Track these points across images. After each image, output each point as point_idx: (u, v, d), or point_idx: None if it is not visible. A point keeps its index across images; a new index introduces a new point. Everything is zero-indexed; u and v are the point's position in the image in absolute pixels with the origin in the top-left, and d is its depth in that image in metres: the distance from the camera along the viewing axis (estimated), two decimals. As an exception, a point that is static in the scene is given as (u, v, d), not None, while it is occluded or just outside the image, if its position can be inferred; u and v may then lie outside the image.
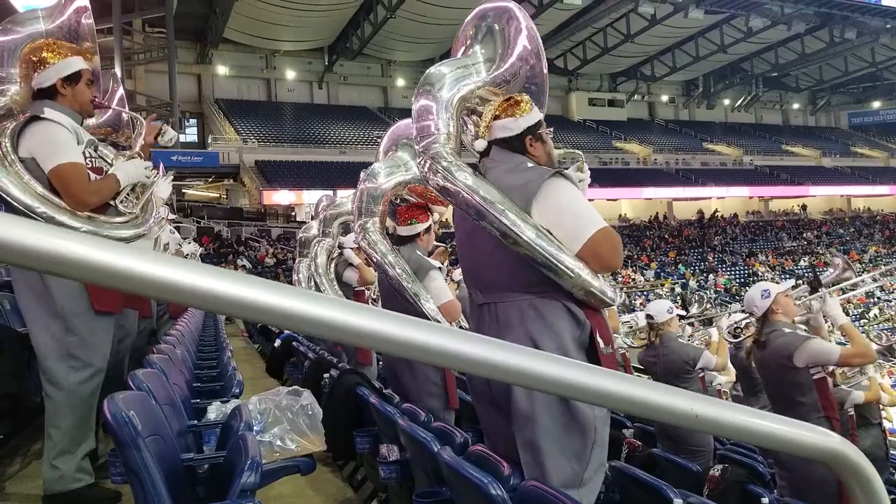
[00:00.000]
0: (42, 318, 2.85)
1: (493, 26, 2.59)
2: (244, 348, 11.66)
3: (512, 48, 2.54)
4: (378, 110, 40.38)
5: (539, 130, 2.45)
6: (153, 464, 1.79)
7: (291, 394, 2.88)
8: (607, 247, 2.21)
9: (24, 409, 3.36)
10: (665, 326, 5.12)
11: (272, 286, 0.72)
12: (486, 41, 2.60)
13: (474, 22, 2.66)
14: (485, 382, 2.37)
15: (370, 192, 4.02)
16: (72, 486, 2.79)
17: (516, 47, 2.53)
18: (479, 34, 2.63)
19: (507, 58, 2.54)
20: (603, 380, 0.90)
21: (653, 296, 26.05)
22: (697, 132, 47.21)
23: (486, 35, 2.60)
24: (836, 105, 54.44)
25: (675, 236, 36.98)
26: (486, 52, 2.59)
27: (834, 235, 39.51)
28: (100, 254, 0.65)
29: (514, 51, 2.53)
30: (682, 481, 3.34)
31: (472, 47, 2.63)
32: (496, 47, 2.57)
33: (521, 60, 2.53)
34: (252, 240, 28.64)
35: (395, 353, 0.80)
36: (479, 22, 2.64)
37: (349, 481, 4.00)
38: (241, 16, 32.44)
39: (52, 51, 2.97)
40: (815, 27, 39.31)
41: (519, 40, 2.53)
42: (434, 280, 3.79)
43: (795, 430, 1.01)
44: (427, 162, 2.44)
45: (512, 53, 2.53)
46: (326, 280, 5.06)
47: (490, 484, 1.94)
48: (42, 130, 2.85)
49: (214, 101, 36.84)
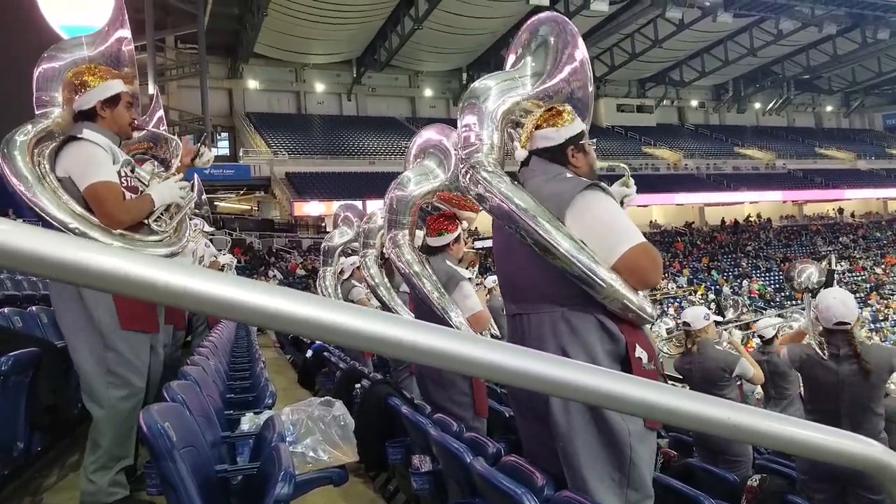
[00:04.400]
0: (80, 333, 2.88)
1: (548, 39, 2.57)
2: (276, 359, 11.73)
3: (562, 65, 2.53)
4: (406, 121, 40.58)
5: (581, 141, 2.43)
6: (188, 475, 1.81)
7: (323, 404, 2.88)
8: (644, 263, 2.18)
9: (61, 422, 3.41)
10: (702, 333, 5.05)
11: (308, 298, 0.73)
12: (539, 53, 2.58)
13: (531, 28, 2.65)
14: (526, 393, 2.35)
15: (400, 199, 4.03)
16: (106, 500, 2.81)
17: (566, 66, 2.52)
18: (532, 44, 2.61)
19: (556, 74, 2.53)
20: (636, 389, 0.89)
21: (686, 303, 25.80)
22: (728, 136, 46.66)
23: (540, 47, 2.59)
24: (870, 106, 53.43)
25: (707, 242, 36.54)
26: (536, 66, 2.57)
27: (871, 239, 38.73)
28: (137, 267, 0.66)
29: (564, 69, 2.52)
30: (719, 492, 3.29)
31: (524, 57, 2.61)
32: (546, 62, 2.56)
33: (568, 80, 2.52)
34: (283, 251, 28.89)
35: (425, 362, 0.80)
36: (536, 30, 2.63)
37: (381, 492, 4.00)
38: (270, 31, 32.86)
39: (92, 74, 3.04)
40: (846, 28, 38.62)
41: (569, 59, 2.52)
42: (464, 290, 3.79)
43: (837, 438, 0.99)
44: (468, 171, 2.44)
45: (561, 70, 2.52)
46: (385, 291, 5.00)
47: (524, 495, 1.92)
48: (78, 150, 2.90)
49: (245, 115, 37.34)
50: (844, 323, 3.75)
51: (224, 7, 31.98)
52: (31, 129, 2.93)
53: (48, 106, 3.05)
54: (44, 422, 3.21)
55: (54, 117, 3.03)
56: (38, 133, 2.95)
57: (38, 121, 3.00)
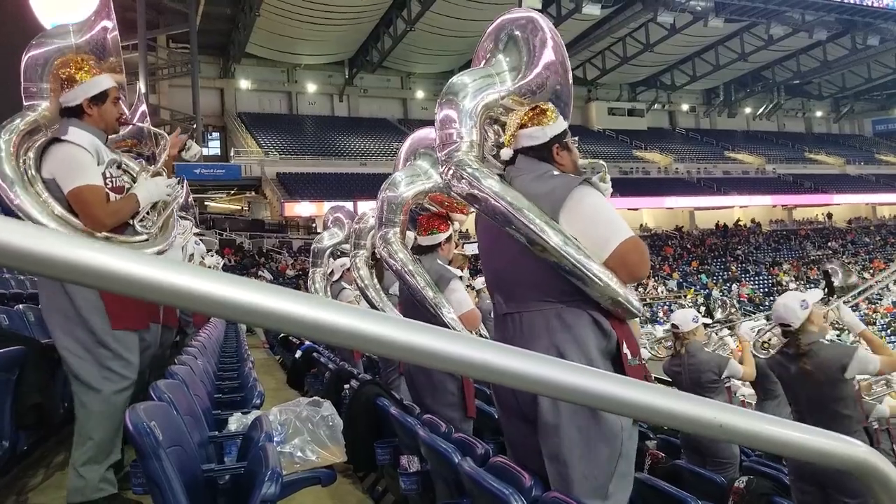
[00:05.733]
0: (69, 331, 2.87)
1: (515, 34, 2.56)
2: (265, 360, 11.72)
3: (538, 57, 2.51)
4: (398, 122, 40.57)
5: (565, 139, 2.44)
6: (174, 474, 1.80)
7: (312, 405, 2.87)
8: (635, 256, 2.19)
9: (48, 420, 3.39)
10: (690, 336, 5.07)
11: (297, 296, 0.72)
12: (510, 49, 2.57)
13: (494, 34, 2.64)
14: (511, 394, 2.35)
15: (391, 200, 4.03)
16: (94, 496, 2.80)
17: (542, 57, 2.51)
18: (500, 44, 2.60)
19: (534, 67, 2.52)
20: (627, 390, 0.89)
21: (675, 306, 25.88)
22: (719, 141, 46.88)
23: (509, 43, 2.58)
24: (860, 112, 53.80)
25: (697, 246, 36.68)
26: (511, 61, 2.56)
27: (859, 244, 38.97)
28: (127, 264, 0.65)
29: (541, 60, 2.51)
30: (707, 494, 3.30)
31: (495, 56, 2.60)
32: (521, 56, 2.54)
33: (548, 70, 2.51)
34: (273, 251, 28.83)
35: (420, 362, 0.79)
36: (499, 33, 2.62)
37: (370, 493, 3.99)
38: (263, 31, 32.80)
39: (80, 68, 3.02)
40: (836, 34, 38.91)
41: (545, 50, 2.51)
42: (455, 290, 3.79)
43: (822, 439, 0.99)
44: (451, 169, 2.43)
45: (538, 63, 2.51)
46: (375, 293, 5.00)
47: (511, 495, 1.92)
48: (62, 152, 2.89)
49: (237, 115, 37.24)
50: (786, 325, 3.88)
51: (216, 7, 31.88)
52: (18, 124, 2.91)
53: (36, 97, 3.03)
54: (29, 421, 3.18)
55: (41, 110, 3.01)
56: (27, 126, 2.93)
57: (26, 113, 2.98)
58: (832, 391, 3.71)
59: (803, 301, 3.89)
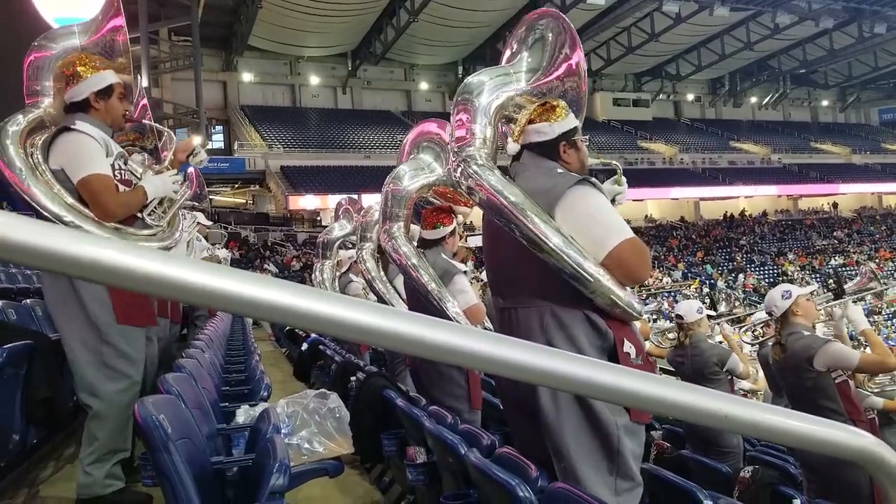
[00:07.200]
0: (75, 328, 2.87)
1: (546, 35, 2.57)
2: (272, 352, 11.75)
3: (558, 63, 2.53)
4: (402, 114, 40.49)
5: (574, 137, 2.44)
6: (183, 467, 1.81)
7: (319, 397, 2.89)
8: (633, 258, 2.19)
9: (57, 415, 3.41)
10: (695, 326, 5.07)
11: (304, 290, 0.73)
12: (535, 49, 2.59)
13: (529, 23, 2.64)
14: (514, 386, 2.36)
15: (395, 194, 4.03)
16: (103, 492, 2.82)
17: (562, 64, 2.52)
18: (530, 39, 2.61)
19: (552, 72, 2.53)
20: (628, 379, 0.89)
21: (680, 297, 25.84)
22: (724, 131, 46.67)
23: (538, 42, 2.59)
24: (866, 101, 53.51)
25: (702, 236, 36.59)
26: (532, 62, 2.57)
27: (865, 233, 38.82)
28: (132, 259, 0.66)
29: (560, 67, 2.53)
30: (712, 483, 3.31)
31: (521, 53, 2.62)
32: (543, 59, 2.56)
33: (563, 78, 2.52)
34: (278, 244, 28.86)
35: (427, 355, 0.80)
36: (534, 25, 2.62)
37: (377, 484, 4.01)
38: (265, 23, 32.74)
39: (84, 65, 3.01)
40: (843, 22, 38.66)
41: (565, 58, 2.52)
42: (459, 284, 3.80)
43: (828, 429, 0.99)
44: (459, 164, 2.44)
45: (557, 68, 2.53)
46: (382, 285, 5.02)
47: (518, 486, 1.93)
48: (71, 141, 2.88)
49: (240, 108, 37.22)
50: (770, 315, 4.13)
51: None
52: (22, 119, 2.90)
53: (39, 96, 3.02)
54: (39, 415, 3.20)
55: (45, 107, 3.01)
56: (30, 123, 2.93)
57: (29, 110, 2.98)
58: (804, 381, 3.77)
59: (786, 291, 3.94)
